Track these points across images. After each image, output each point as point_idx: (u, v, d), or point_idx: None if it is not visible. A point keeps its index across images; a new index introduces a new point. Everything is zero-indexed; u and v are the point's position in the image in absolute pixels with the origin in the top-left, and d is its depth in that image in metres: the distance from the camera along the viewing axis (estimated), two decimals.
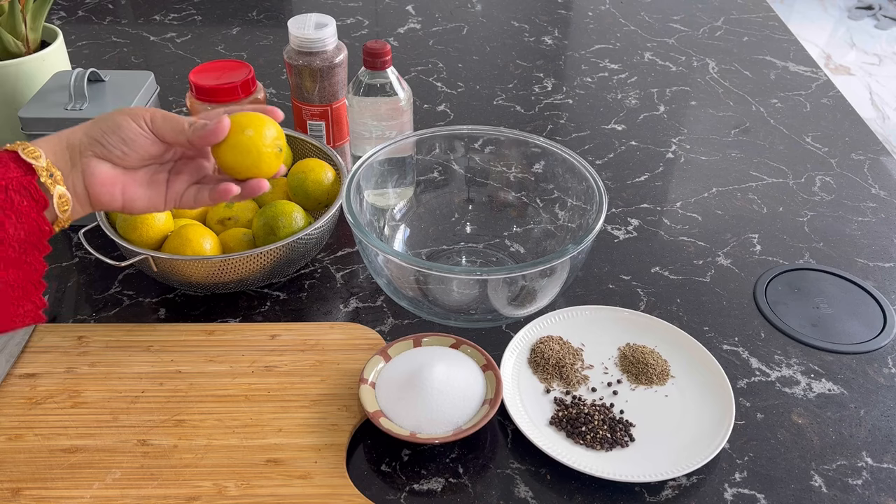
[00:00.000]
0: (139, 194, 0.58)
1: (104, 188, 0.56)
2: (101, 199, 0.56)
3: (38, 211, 0.52)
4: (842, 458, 0.63)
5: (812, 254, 0.85)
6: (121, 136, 0.56)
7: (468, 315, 0.72)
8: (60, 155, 0.55)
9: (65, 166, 0.54)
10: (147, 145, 0.57)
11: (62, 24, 1.35)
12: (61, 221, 0.55)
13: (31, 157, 0.52)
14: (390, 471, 0.62)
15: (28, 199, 0.51)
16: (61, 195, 0.53)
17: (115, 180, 0.56)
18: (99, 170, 0.55)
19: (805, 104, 1.14)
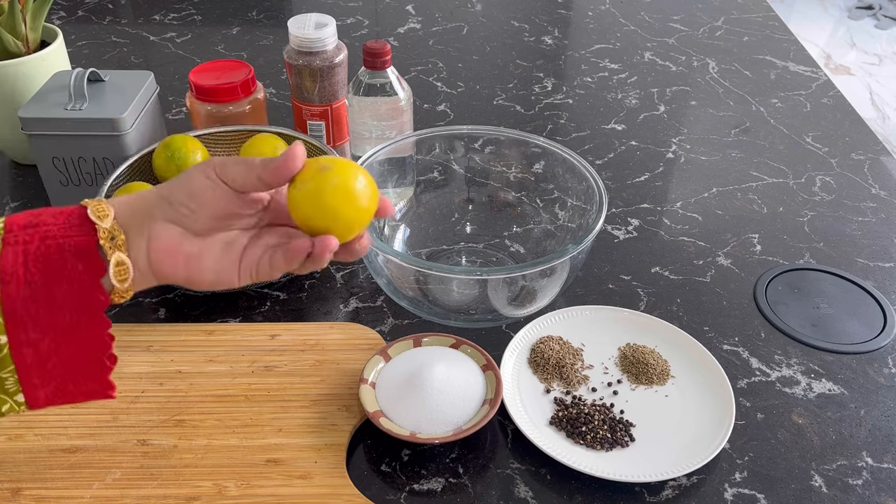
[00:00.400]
0: (206, 265, 0.48)
1: (165, 255, 0.47)
2: (161, 268, 0.48)
3: (93, 278, 0.45)
4: (842, 458, 0.63)
5: (812, 254, 0.85)
6: (187, 190, 0.48)
7: (468, 315, 0.72)
8: (130, 216, 0.48)
9: (132, 230, 0.47)
10: (217, 199, 0.48)
11: (62, 23, 1.35)
12: (119, 292, 0.47)
13: (98, 216, 0.46)
14: (390, 471, 0.62)
15: (84, 264, 0.45)
16: (119, 262, 0.46)
17: (179, 247, 0.48)
18: (163, 234, 0.47)
19: (805, 104, 1.14)
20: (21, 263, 0.44)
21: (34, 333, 0.44)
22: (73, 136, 0.80)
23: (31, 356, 0.45)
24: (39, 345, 0.45)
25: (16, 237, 0.44)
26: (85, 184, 0.84)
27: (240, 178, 0.48)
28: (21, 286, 0.44)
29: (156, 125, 0.89)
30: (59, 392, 0.47)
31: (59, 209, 0.47)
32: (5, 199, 0.92)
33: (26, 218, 0.45)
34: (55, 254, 0.44)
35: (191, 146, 0.81)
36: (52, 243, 0.45)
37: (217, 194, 0.48)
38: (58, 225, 0.45)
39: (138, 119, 0.83)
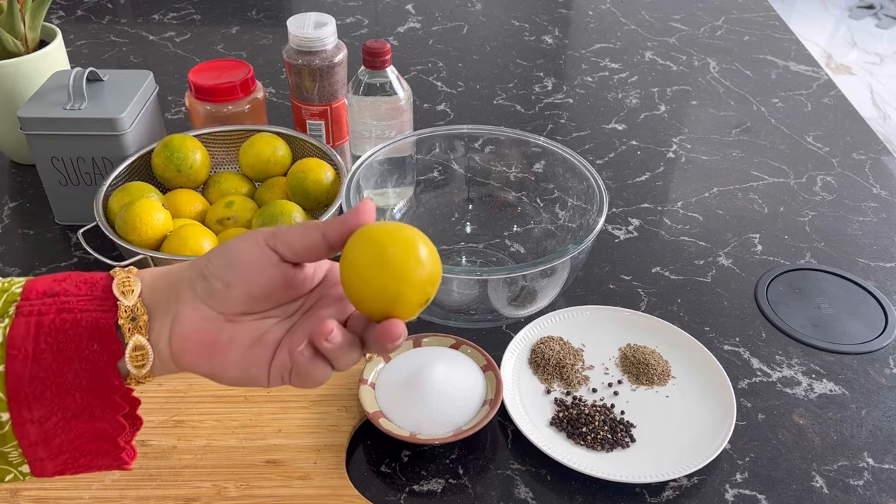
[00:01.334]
0: (234, 359, 0.41)
1: (188, 343, 0.41)
2: (183, 357, 0.42)
3: (107, 360, 0.40)
4: (843, 459, 0.63)
5: (813, 254, 0.85)
6: (227, 260, 0.41)
7: (468, 315, 0.72)
8: (158, 291, 0.42)
9: (158, 309, 0.42)
10: (261, 269, 0.41)
11: (61, 23, 1.34)
12: (136, 378, 0.42)
13: (122, 289, 0.41)
14: (390, 471, 0.62)
15: (100, 344, 0.40)
16: (137, 346, 0.41)
17: (206, 333, 0.41)
18: (190, 316, 0.41)
19: (806, 104, 1.14)
20: (32, 337, 0.39)
21: (39, 412, 0.40)
22: (72, 135, 0.80)
23: (36, 434, 0.41)
24: (45, 423, 0.40)
25: (31, 306, 0.40)
26: (84, 184, 0.84)
27: (297, 238, 0.41)
28: (29, 362, 0.39)
29: (155, 125, 0.88)
30: (69, 465, 0.43)
31: (86, 276, 0.42)
32: (4, 199, 0.92)
33: (48, 283, 0.41)
34: (70, 329, 0.40)
35: (190, 146, 0.81)
36: (67, 318, 0.40)
37: (260, 264, 0.41)
38: (79, 296, 0.41)
39: (137, 119, 0.83)
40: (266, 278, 0.41)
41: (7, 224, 0.88)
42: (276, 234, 0.41)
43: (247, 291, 0.41)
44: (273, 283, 0.41)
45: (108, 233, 0.72)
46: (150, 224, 0.72)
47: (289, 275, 0.42)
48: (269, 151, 0.83)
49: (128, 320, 0.41)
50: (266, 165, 0.83)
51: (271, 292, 0.42)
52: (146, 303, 0.41)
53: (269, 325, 0.42)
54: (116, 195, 0.77)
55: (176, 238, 0.73)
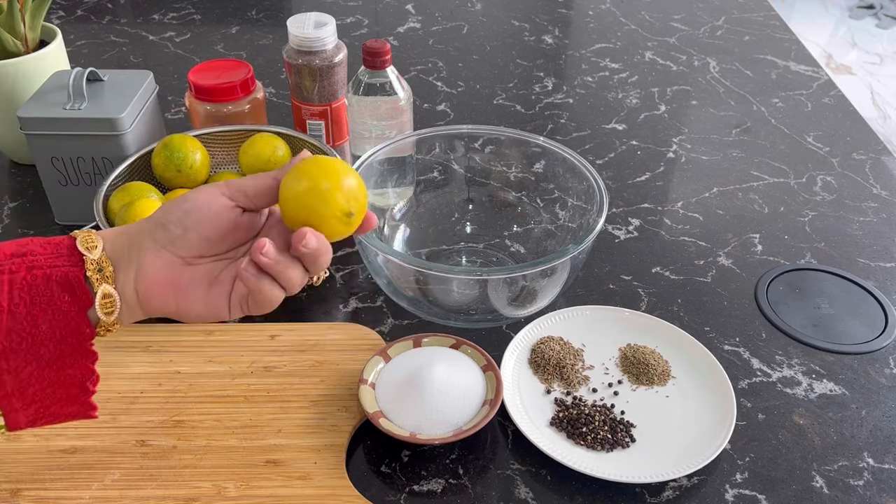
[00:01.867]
0: (196, 296, 0.46)
1: (153, 286, 0.46)
2: (151, 301, 0.46)
3: (78, 310, 0.44)
4: (843, 459, 0.63)
5: (813, 254, 0.85)
6: (184, 208, 0.46)
7: (468, 315, 0.72)
8: (119, 246, 0.46)
9: (121, 261, 0.46)
10: (216, 214, 0.46)
11: (61, 23, 1.34)
12: (106, 325, 0.46)
13: (86, 246, 0.45)
14: (390, 472, 0.62)
15: (70, 295, 0.44)
16: (106, 294, 0.45)
17: (169, 277, 0.46)
18: (153, 263, 0.46)
19: (806, 104, 1.14)
20: (6, 293, 0.43)
21: (15, 362, 0.44)
22: (72, 135, 0.80)
23: (12, 384, 0.44)
24: (20, 373, 0.44)
25: (1, 266, 0.43)
26: (84, 183, 0.84)
27: (250, 184, 0.47)
28: (4, 316, 0.43)
29: (155, 125, 0.88)
30: (40, 415, 0.46)
31: (49, 239, 0.46)
32: (4, 199, 0.92)
33: (13, 247, 0.44)
34: (41, 284, 0.43)
35: (190, 146, 0.81)
36: (38, 273, 0.43)
37: (215, 209, 0.46)
38: (45, 255, 0.44)
39: (137, 119, 0.83)
40: (221, 222, 0.46)
41: (7, 224, 0.88)
42: (228, 183, 0.47)
43: (202, 235, 0.46)
44: (227, 227, 0.47)
45: None
46: None
47: (241, 219, 0.47)
48: (269, 151, 0.83)
49: (95, 272, 0.44)
50: (266, 165, 0.83)
51: (225, 235, 0.47)
52: (109, 256, 0.46)
53: (224, 265, 0.48)
54: (116, 195, 0.77)
55: None
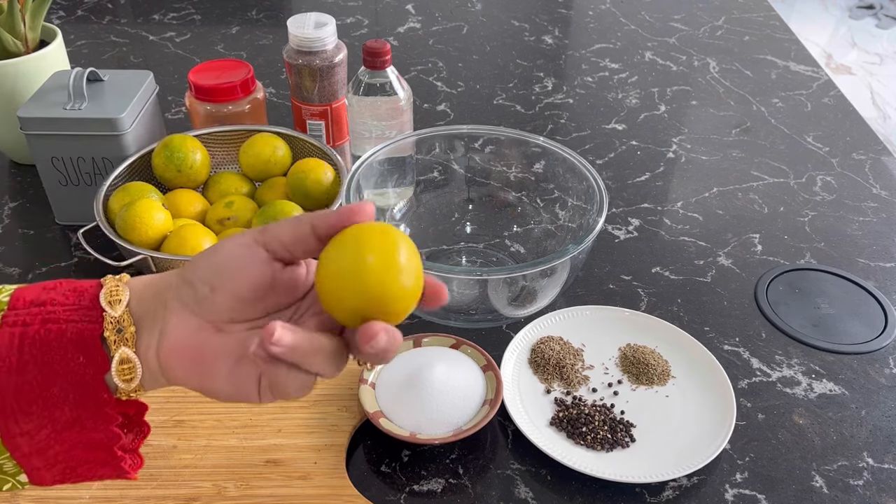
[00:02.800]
0: (222, 373, 0.39)
1: (177, 357, 0.39)
2: (172, 371, 0.39)
3: (93, 373, 0.38)
4: (843, 459, 0.63)
5: (813, 254, 0.85)
6: (212, 262, 0.39)
7: (468, 315, 0.72)
8: (148, 302, 0.40)
9: (145, 319, 0.39)
10: (247, 268, 0.39)
11: (61, 23, 1.34)
12: (125, 392, 0.40)
13: (110, 298, 0.39)
14: (390, 471, 0.62)
15: (85, 356, 0.38)
16: (124, 359, 0.39)
17: (193, 346, 0.39)
18: (177, 327, 0.39)
19: (806, 104, 1.14)
20: (16, 348, 0.38)
21: (28, 425, 0.38)
22: (72, 135, 0.80)
23: (28, 446, 0.39)
24: (36, 435, 0.39)
25: (17, 316, 0.39)
26: (84, 184, 0.84)
27: (286, 230, 0.39)
28: (13, 374, 0.38)
29: (155, 125, 0.88)
30: (67, 475, 0.41)
31: (76, 285, 0.40)
32: (4, 199, 0.92)
33: (36, 291, 0.40)
34: (54, 341, 0.38)
35: (190, 146, 0.81)
36: (52, 328, 0.38)
37: (248, 262, 0.39)
38: (66, 306, 0.39)
39: (137, 119, 0.83)
40: (254, 277, 0.39)
41: (7, 224, 0.88)
42: (264, 229, 0.40)
43: (234, 294, 0.39)
44: (262, 283, 0.39)
45: (108, 233, 0.73)
46: (150, 224, 0.72)
47: (279, 274, 0.40)
48: (269, 151, 0.83)
49: (113, 332, 0.39)
50: (266, 165, 0.83)
51: (261, 294, 0.39)
52: (134, 313, 0.39)
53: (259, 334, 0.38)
54: (116, 195, 0.77)
55: (176, 238, 0.73)
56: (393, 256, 0.36)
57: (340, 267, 0.36)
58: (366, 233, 0.37)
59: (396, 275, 0.36)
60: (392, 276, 0.36)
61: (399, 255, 0.37)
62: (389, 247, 0.37)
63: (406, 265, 0.37)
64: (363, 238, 0.37)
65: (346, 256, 0.36)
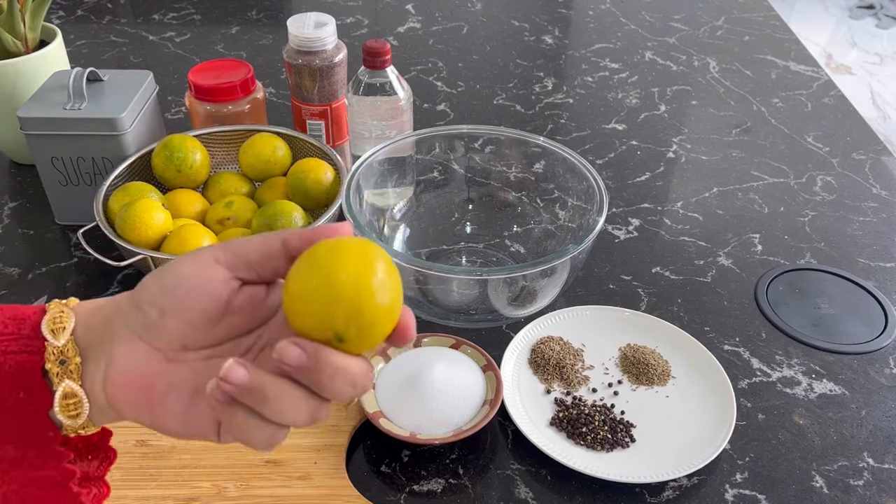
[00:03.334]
0: (173, 409, 0.35)
1: (124, 390, 0.35)
2: (119, 406, 0.35)
3: (37, 409, 0.35)
4: (843, 459, 0.63)
5: (813, 254, 0.85)
6: (162, 282, 0.35)
7: (468, 315, 0.72)
8: (94, 329, 0.36)
9: (92, 349, 0.35)
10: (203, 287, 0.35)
11: (61, 23, 1.34)
12: (72, 429, 0.36)
13: (53, 326, 0.35)
14: (390, 471, 0.62)
15: (26, 391, 0.34)
16: (68, 394, 0.35)
17: (142, 377, 0.35)
18: (124, 357, 0.35)
19: (806, 104, 1.14)
20: None
21: None
22: (72, 135, 0.80)
23: None
24: None
25: None
26: (84, 184, 0.84)
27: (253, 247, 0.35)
28: None
29: (155, 125, 0.88)
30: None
31: (18, 311, 0.36)
32: (4, 199, 0.92)
33: None
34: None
35: (190, 146, 0.81)
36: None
37: (202, 282, 0.34)
38: (5, 335, 0.35)
39: (137, 119, 0.83)
40: (208, 300, 0.34)
41: (7, 224, 0.88)
42: (227, 245, 0.36)
43: (185, 319, 0.34)
44: (217, 307, 0.35)
45: (108, 233, 0.72)
46: (150, 224, 0.72)
47: (238, 296, 0.35)
48: (269, 151, 0.83)
49: (56, 363, 0.34)
50: (266, 165, 0.83)
51: (216, 318, 0.35)
52: (79, 342, 0.35)
53: (217, 365, 0.33)
54: (116, 195, 0.77)
55: (176, 238, 0.73)
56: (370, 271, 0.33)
57: (312, 282, 0.32)
58: (342, 246, 0.33)
59: (373, 292, 0.32)
60: (368, 292, 0.32)
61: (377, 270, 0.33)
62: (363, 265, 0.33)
63: (385, 281, 0.33)
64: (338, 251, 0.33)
65: (318, 271, 0.32)
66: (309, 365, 0.32)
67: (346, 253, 0.33)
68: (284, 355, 0.32)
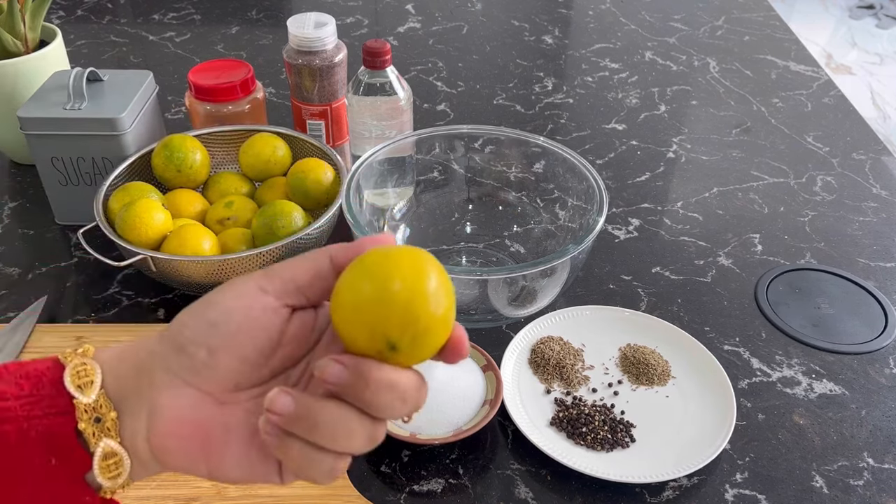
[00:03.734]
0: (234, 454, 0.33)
1: (175, 441, 0.32)
2: (169, 458, 0.33)
3: (72, 475, 0.31)
4: (843, 459, 0.63)
5: (813, 254, 0.85)
6: (207, 319, 0.32)
7: (468, 315, 0.72)
8: (125, 376, 0.33)
9: (128, 400, 0.32)
10: (255, 320, 0.32)
11: (61, 23, 1.34)
12: (110, 490, 0.32)
13: (79, 381, 0.32)
14: (390, 471, 0.62)
15: (58, 458, 0.31)
16: (109, 454, 0.32)
17: (195, 425, 0.32)
18: (171, 405, 0.32)
19: (806, 104, 1.14)
20: None
21: None
22: (72, 135, 0.80)
23: None
24: None
25: None
26: (84, 183, 0.84)
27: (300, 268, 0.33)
28: None
29: (155, 125, 0.88)
30: None
31: (28, 369, 0.32)
32: (4, 199, 0.92)
33: None
34: (15, 445, 0.30)
35: (190, 146, 0.81)
36: (10, 429, 0.30)
37: (252, 314, 0.32)
38: (21, 398, 0.31)
39: (137, 119, 0.83)
40: (262, 334, 0.32)
41: (7, 224, 0.88)
42: (270, 272, 0.33)
43: (238, 356, 0.32)
44: (270, 340, 0.32)
45: (108, 233, 0.72)
46: (150, 224, 0.72)
47: (291, 325, 0.33)
48: (269, 151, 0.83)
49: (90, 422, 0.31)
50: (266, 165, 0.83)
51: (269, 352, 0.33)
52: (111, 395, 0.32)
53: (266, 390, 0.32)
54: (116, 195, 0.77)
55: (176, 238, 0.73)
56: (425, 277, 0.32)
57: (364, 290, 0.31)
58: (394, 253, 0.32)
59: (428, 298, 0.31)
60: (423, 298, 0.31)
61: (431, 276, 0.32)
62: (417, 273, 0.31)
63: (440, 288, 0.32)
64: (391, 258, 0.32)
65: (370, 278, 0.31)
66: (351, 381, 0.30)
67: (399, 260, 0.32)
68: (325, 373, 0.30)
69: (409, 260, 0.32)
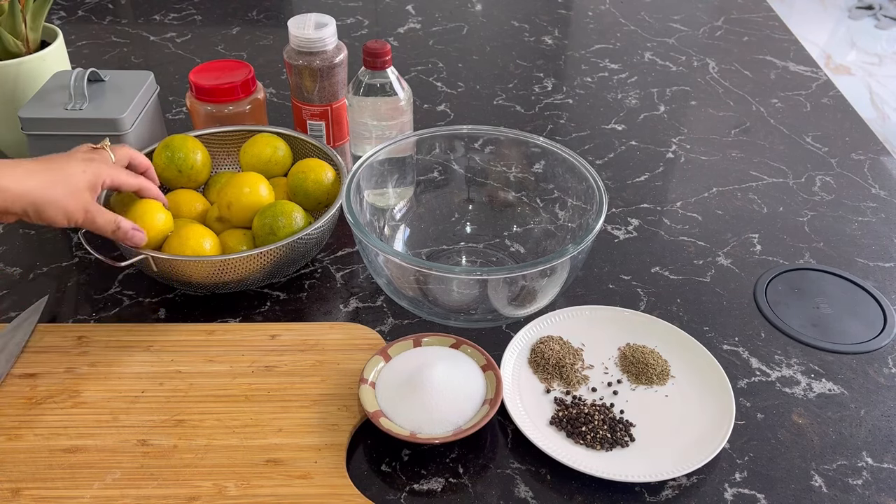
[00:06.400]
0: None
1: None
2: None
3: None
4: (842, 458, 0.63)
5: (812, 254, 0.85)
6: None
7: (468, 315, 0.72)
8: None
9: None
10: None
11: (62, 23, 1.35)
12: None
13: None
14: (390, 471, 0.62)
15: None
16: None
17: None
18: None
19: (805, 104, 1.14)
20: None
21: None
22: (73, 136, 0.80)
23: None
24: None
25: None
26: None
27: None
28: None
29: (156, 125, 0.89)
30: None
31: None
32: None
33: None
34: None
35: (191, 146, 0.81)
36: None
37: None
38: None
39: (138, 119, 0.83)
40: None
41: (8, 224, 0.88)
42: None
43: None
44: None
45: None
46: (150, 224, 0.73)
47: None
48: (269, 152, 0.83)
49: None
50: (266, 165, 0.83)
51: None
52: None
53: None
54: (117, 195, 0.77)
55: (177, 238, 0.73)
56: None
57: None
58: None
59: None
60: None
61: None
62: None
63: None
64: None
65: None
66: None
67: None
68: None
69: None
